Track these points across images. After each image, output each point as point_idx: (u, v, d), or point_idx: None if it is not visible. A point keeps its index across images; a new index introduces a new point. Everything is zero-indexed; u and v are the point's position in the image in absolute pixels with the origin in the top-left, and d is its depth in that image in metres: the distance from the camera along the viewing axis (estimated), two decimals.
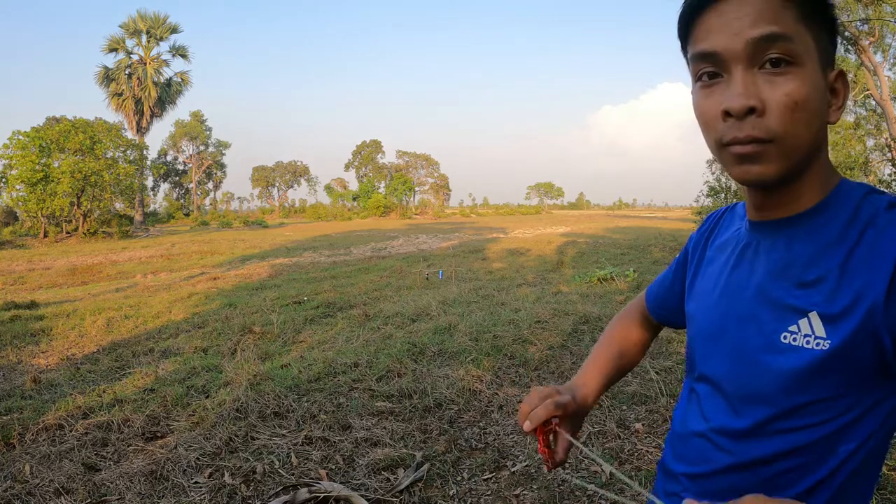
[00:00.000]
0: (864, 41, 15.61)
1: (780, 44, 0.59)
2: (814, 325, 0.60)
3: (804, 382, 0.61)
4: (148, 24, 37.70)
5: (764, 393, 0.64)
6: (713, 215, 0.87)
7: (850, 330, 0.57)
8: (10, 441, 3.00)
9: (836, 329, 0.58)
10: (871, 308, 0.56)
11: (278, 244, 19.47)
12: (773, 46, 0.59)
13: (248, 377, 3.81)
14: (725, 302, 0.72)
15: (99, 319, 6.25)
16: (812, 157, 0.63)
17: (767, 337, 0.65)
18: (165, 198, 59.47)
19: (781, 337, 0.63)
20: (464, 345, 4.64)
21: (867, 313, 0.56)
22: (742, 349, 0.68)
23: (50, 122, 28.50)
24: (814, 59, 0.61)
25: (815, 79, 0.60)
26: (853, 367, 0.58)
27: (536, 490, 2.52)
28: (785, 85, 0.59)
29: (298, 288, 8.60)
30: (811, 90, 0.60)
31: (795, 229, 0.65)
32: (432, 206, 70.59)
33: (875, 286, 0.56)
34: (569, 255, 13.09)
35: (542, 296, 7.20)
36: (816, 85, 0.60)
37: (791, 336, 0.62)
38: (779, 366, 0.63)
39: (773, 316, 0.64)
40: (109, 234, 25.69)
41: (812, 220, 0.64)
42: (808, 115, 0.60)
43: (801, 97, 0.59)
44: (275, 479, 2.60)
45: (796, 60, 0.59)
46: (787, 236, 0.66)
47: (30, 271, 12.90)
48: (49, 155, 23.76)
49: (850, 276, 0.58)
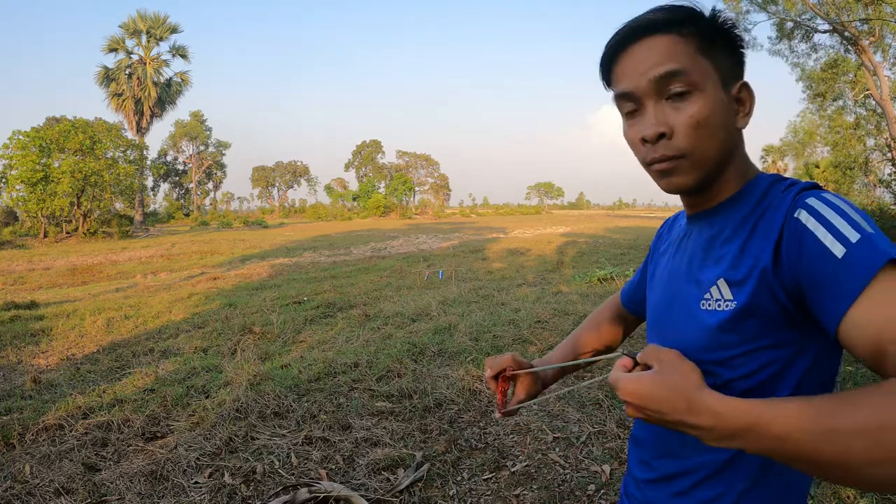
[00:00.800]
0: (864, 41, 15.60)
1: (679, 78, 0.71)
2: (722, 290, 0.71)
3: (720, 338, 0.71)
4: (148, 24, 37.70)
5: (688, 351, 0.71)
6: (670, 218, 1.01)
7: (750, 290, 0.67)
8: (10, 441, 3.00)
9: (740, 291, 0.69)
10: (763, 270, 0.66)
11: (278, 244, 19.47)
12: (673, 81, 0.71)
13: (248, 377, 3.81)
14: (668, 287, 0.84)
15: (99, 319, 6.25)
16: (726, 160, 0.75)
17: (690, 307, 0.76)
18: (165, 198, 59.50)
19: (700, 304, 0.74)
20: (464, 345, 4.64)
21: (760, 275, 0.67)
22: (675, 322, 0.80)
23: (50, 122, 28.51)
24: (714, 81, 0.72)
25: (715, 98, 0.71)
26: (760, 320, 0.68)
27: (536, 490, 2.52)
28: (688, 109, 0.71)
29: (298, 288, 8.60)
30: (712, 108, 0.71)
31: (715, 217, 0.77)
32: (432, 206, 70.58)
33: (765, 252, 0.67)
34: (569, 255, 13.09)
35: (542, 296, 7.20)
36: (718, 102, 0.72)
37: (706, 302, 0.73)
38: (697, 327, 0.74)
39: (696, 289, 0.76)
40: (109, 234, 25.69)
41: (729, 208, 0.76)
42: (712, 129, 0.71)
43: (702, 117, 0.71)
44: (275, 479, 2.60)
45: (696, 87, 0.71)
46: (709, 223, 0.78)
47: (30, 271, 12.90)
48: (49, 155, 23.76)
49: (750, 246, 0.70)
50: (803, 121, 32.17)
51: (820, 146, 31.39)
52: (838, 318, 0.59)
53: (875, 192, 22.89)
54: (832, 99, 20.76)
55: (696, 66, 0.71)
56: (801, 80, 19.57)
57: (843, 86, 20.02)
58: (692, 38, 0.71)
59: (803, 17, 16.40)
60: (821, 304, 0.61)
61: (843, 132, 23.80)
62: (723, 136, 0.72)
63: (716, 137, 0.72)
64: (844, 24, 15.15)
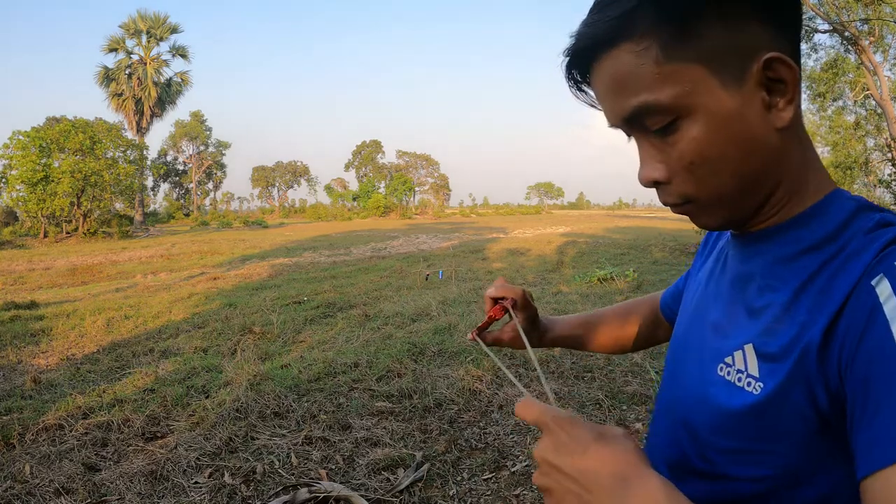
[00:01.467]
0: (864, 41, 15.61)
1: (649, 113, 0.49)
2: (749, 360, 0.51)
3: (733, 423, 0.52)
4: (148, 24, 37.71)
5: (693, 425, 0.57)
6: None
7: (785, 373, 0.47)
8: (10, 441, 3.00)
9: (772, 371, 0.48)
10: (805, 349, 0.46)
11: (278, 244, 19.47)
12: (645, 118, 0.49)
13: (248, 377, 3.80)
14: (693, 319, 0.64)
15: (99, 319, 6.25)
16: (761, 183, 0.51)
17: (706, 365, 0.57)
18: (165, 198, 59.52)
19: (718, 368, 0.55)
20: (464, 345, 4.64)
21: (800, 356, 0.46)
22: (688, 373, 0.61)
23: (50, 122, 28.50)
24: (705, 87, 0.47)
25: (715, 111, 0.47)
26: (786, 418, 0.48)
27: (536, 490, 2.51)
28: (678, 146, 0.49)
29: (298, 288, 8.60)
30: (710, 133, 0.48)
31: (759, 245, 0.55)
32: (432, 206, 70.61)
33: (815, 322, 0.46)
34: (569, 255, 13.09)
35: (542, 296, 7.20)
36: (719, 118, 0.47)
37: (726, 368, 0.54)
38: (707, 395, 0.56)
39: (716, 342, 0.57)
40: (109, 234, 25.69)
41: (782, 236, 0.53)
42: (716, 160, 0.49)
43: (696, 153, 0.49)
44: (275, 479, 2.60)
45: (678, 113, 0.48)
46: (751, 252, 0.56)
47: (30, 271, 12.90)
48: (49, 155, 23.76)
49: (799, 307, 0.48)
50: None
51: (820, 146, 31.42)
52: (873, 467, 0.38)
53: (875, 192, 22.90)
54: (832, 99, 20.76)
55: (668, 83, 0.47)
56: (801, 80, 19.56)
57: (843, 86, 20.03)
58: (651, 43, 0.47)
59: (803, 18, 16.39)
60: (861, 429, 0.40)
61: (844, 132, 23.80)
62: (740, 157, 0.48)
63: (727, 167, 0.49)
64: (844, 24, 15.15)
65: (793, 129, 0.50)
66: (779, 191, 0.52)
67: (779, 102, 0.48)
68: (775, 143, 0.49)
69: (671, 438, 0.62)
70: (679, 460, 0.60)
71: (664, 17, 0.46)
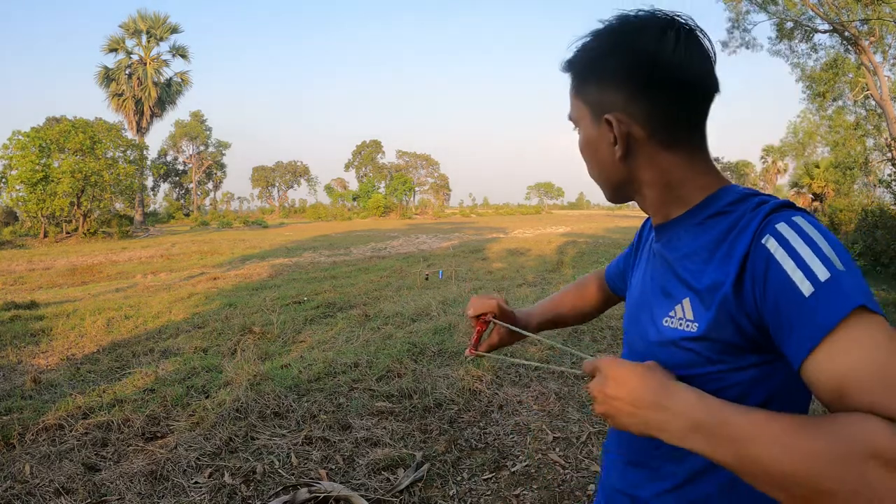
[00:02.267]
0: (864, 41, 15.60)
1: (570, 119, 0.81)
2: (685, 310, 0.71)
3: (682, 356, 0.70)
4: (148, 24, 37.70)
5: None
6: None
7: (712, 316, 0.66)
8: (10, 441, 3.00)
9: (703, 315, 0.68)
10: (724, 297, 0.65)
11: (278, 244, 19.47)
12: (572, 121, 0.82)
13: (248, 377, 3.80)
14: (641, 295, 0.84)
15: (99, 319, 6.25)
16: (622, 188, 0.79)
17: (655, 321, 0.76)
18: (165, 198, 59.50)
19: (663, 321, 0.74)
20: (464, 345, 4.64)
21: (721, 301, 0.65)
22: (642, 332, 0.80)
23: (50, 122, 28.50)
24: (584, 119, 0.77)
25: (586, 134, 0.78)
26: (724, 345, 0.67)
27: (536, 490, 2.52)
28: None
29: (298, 288, 8.60)
30: (583, 144, 0.79)
31: (672, 231, 0.77)
32: (432, 206, 70.60)
33: (727, 277, 0.65)
34: (569, 255, 13.09)
35: (542, 296, 7.19)
36: (587, 139, 0.78)
37: (670, 320, 0.73)
38: (661, 342, 0.74)
39: (662, 304, 0.76)
40: (109, 234, 25.69)
41: (684, 223, 0.75)
42: (587, 161, 0.80)
43: (580, 150, 0.80)
44: (275, 479, 2.60)
45: (576, 126, 0.80)
46: (669, 237, 0.78)
47: (30, 271, 12.90)
48: (49, 155, 23.75)
49: (712, 268, 0.68)
50: (803, 121, 32.23)
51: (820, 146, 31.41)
52: (800, 359, 0.57)
53: (875, 192, 22.89)
54: (832, 99, 20.74)
55: (573, 107, 0.79)
56: (801, 80, 19.57)
57: (843, 86, 20.01)
58: (572, 79, 0.79)
59: (803, 18, 16.41)
60: (785, 340, 0.60)
61: (843, 132, 23.79)
62: (597, 166, 0.78)
63: (592, 168, 0.80)
64: (844, 24, 15.15)
65: (638, 161, 0.74)
66: (649, 195, 0.77)
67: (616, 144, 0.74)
68: (619, 166, 0.75)
69: None
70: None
71: (572, 72, 0.79)
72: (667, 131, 0.72)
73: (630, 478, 0.82)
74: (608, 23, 0.74)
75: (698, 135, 0.74)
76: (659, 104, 0.71)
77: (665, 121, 0.72)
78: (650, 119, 0.72)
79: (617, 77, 0.72)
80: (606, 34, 0.73)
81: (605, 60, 0.73)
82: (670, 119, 0.72)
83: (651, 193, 0.77)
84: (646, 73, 0.70)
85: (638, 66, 0.70)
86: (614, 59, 0.72)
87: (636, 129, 0.72)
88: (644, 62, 0.70)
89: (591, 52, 0.75)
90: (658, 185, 0.75)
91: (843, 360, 0.54)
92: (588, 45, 0.75)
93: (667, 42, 0.69)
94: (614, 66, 0.72)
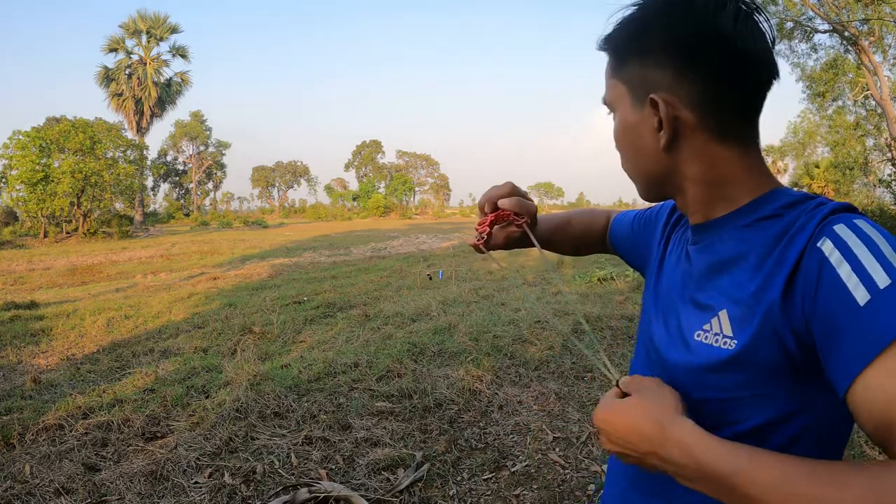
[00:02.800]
0: (863, 41, 15.61)
1: (605, 104, 0.73)
2: (723, 323, 0.62)
3: (713, 378, 0.63)
4: (148, 24, 37.69)
5: (676, 385, 0.64)
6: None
7: (755, 329, 0.58)
8: (10, 441, 3.00)
9: (743, 328, 0.59)
10: (770, 305, 0.57)
11: (278, 244, 19.47)
12: (606, 105, 0.73)
13: (248, 377, 3.80)
14: (667, 297, 0.76)
15: (99, 319, 6.25)
16: (661, 182, 0.69)
17: (684, 334, 0.68)
18: (165, 198, 59.53)
19: (695, 335, 0.65)
20: (464, 345, 4.64)
21: (767, 310, 0.57)
22: (667, 343, 0.71)
23: (50, 122, 28.50)
24: (623, 101, 0.69)
25: (623, 118, 0.69)
26: (760, 367, 0.59)
27: (536, 490, 2.51)
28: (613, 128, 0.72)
29: (298, 288, 8.60)
30: (620, 130, 0.70)
31: (712, 233, 0.68)
32: (432, 206, 70.62)
33: (775, 283, 0.57)
34: None
35: (542, 296, 7.21)
36: (625, 124, 0.69)
37: (704, 334, 0.64)
38: (689, 359, 0.66)
39: (694, 315, 0.67)
40: (109, 234, 25.69)
41: (727, 225, 0.66)
42: (622, 150, 0.72)
43: (615, 138, 0.72)
44: (275, 479, 2.60)
45: (612, 110, 0.72)
46: (709, 239, 0.68)
47: (30, 271, 12.90)
48: (49, 155, 23.75)
49: (759, 274, 0.60)
50: (803, 121, 32.23)
51: (820, 146, 31.43)
52: (849, 379, 0.49)
53: (875, 192, 22.91)
54: (832, 99, 20.77)
55: (609, 89, 0.71)
56: (802, 80, 19.59)
57: (843, 86, 20.03)
58: (608, 61, 0.71)
59: (803, 18, 16.41)
60: (832, 356, 0.51)
61: (843, 132, 23.80)
62: (634, 155, 0.70)
63: (627, 158, 0.71)
64: (844, 24, 15.15)
65: (684, 151, 0.65)
66: (692, 192, 0.68)
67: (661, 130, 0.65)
68: (662, 157, 0.66)
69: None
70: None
71: (610, 49, 0.70)
72: (719, 119, 0.63)
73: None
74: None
75: (752, 128, 0.65)
76: (712, 85, 0.62)
77: (717, 106, 0.62)
78: (701, 102, 0.62)
79: (665, 51, 0.63)
80: (655, 1, 0.64)
81: (652, 31, 0.64)
82: (723, 104, 0.63)
83: (694, 190, 0.67)
84: (700, 47, 0.61)
85: (692, 38, 0.61)
86: (664, 29, 0.63)
87: (685, 112, 0.63)
88: (699, 34, 0.61)
89: (635, 23, 0.66)
90: (704, 181, 0.66)
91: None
92: (632, 15, 0.66)
93: (726, 15, 0.60)
94: (663, 38, 0.63)
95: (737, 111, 0.63)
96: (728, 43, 0.60)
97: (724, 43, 0.60)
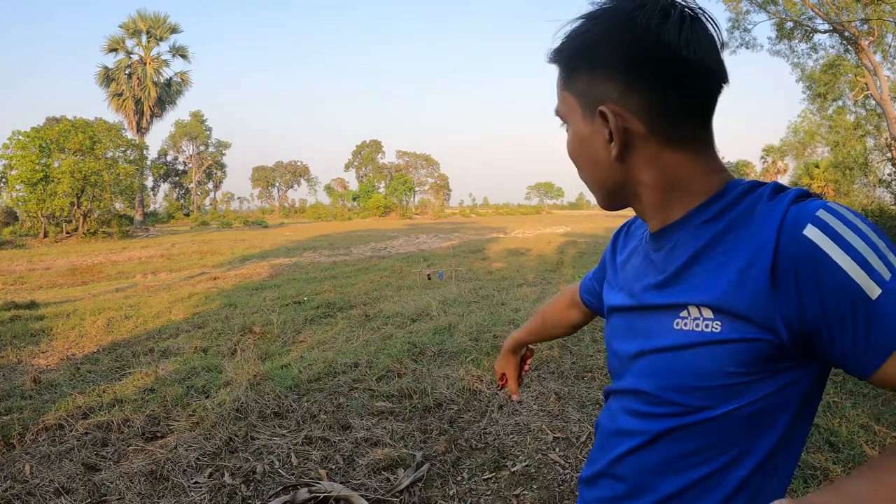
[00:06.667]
0: (863, 41, 15.60)
1: (557, 115, 0.74)
2: (703, 311, 0.62)
3: (701, 365, 0.63)
4: (148, 24, 37.66)
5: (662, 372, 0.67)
6: (626, 223, 0.92)
7: (740, 315, 0.59)
8: (10, 441, 2.99)
9: (726, 315, 0.60)
10: (755, 295, 0.58)
11: (278, 244, 19.47)
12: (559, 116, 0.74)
13: (248, 377, 3.80)
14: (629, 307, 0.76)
15: (99, 319, 6.25)
16: (617, 191, 0.70)
17: (662, 324, 0.67)
18: (165, 198, 59.53)
19: (674, 323, 0.66)
20: (464, 345, 4.64)
21: (751, 301, 0.58)
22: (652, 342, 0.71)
23: (50, 122, 28.53)
24: (575, 113, 0.70)
25: (576, 130, 0.70)
26: (750, 349, 0.60)
27: (536, 490, 2.51)
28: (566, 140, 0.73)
29: (298, 288, 8.60)
30: (573, 142, 0.71)
31: (676, 233, 0.68)
32: (432, 206, 70.59)
33: (757, 274, 0.58)
34: (569, 255, 13.09)
35: (543, 296, 7.20)
36: (578, 135, 0.70)
37: (682, 322, 0.64)
38: (672, 347, 0.66)
39: (664, 314, 0.67)
40: (109, 234, 25.68)
41: (689, 223, 0.66)
42: (577, 162, 0.73)
43: (568, 150, 0.73)
44: (275, 479, 2.60)
45: (565, 122, 0.73)
46: (673, 240, 0.69)
47: (30, 271, 12.90)
48: (49, 155, 23.75)
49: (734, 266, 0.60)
50: (804, 121, 32.20)
51: (820, 146, 31.40)
52: (875, 365, 0.54)
53: (875, 192, 22.89)
54: (832, 99, 20.76)
55: (561, 101, 0.72)
56: (802, 80, 19.58)
57: (843, 86, 20.02)
58: (559, 75, 0.71)
59: (803, 18, 16.41)
60: (846, 348, 0.55)
61: (844, 132, 23.79)
62: (590, 166, 0.70)
63: (583, 169, 0.72)
64: (844, 24, 15.15)
65: (636, 160, 0.66)
66: (648, 198, 0.69)
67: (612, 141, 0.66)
68: (615, 166, 0.67)
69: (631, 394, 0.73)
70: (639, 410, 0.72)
71: (560, 62, 0.71)
72: (669, 126, 0.64)
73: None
74: (601, 3, 0.66)
75: (704, 130, 0.66)
76: (660, 95, 0.63)
77: (666, 114, 0.64)
78: (650, 112, 0.63)
79: (612, 64, 0.64)
80: (600, 15, 0.65)
81: (598, 45, 0.65)
82: (672, 112, 0.64)
83: (650, 196, 0.68)
84: (645, 58, 0.62)
85: (636, 50, 0.62)
86: (609, 43, 0.64)
87: (634, 123, 0.64)
88: (643, 46, 0.62)
89: (582, 37, 0.66)
90: (659, 186, 0.67)
91: None
92: (579, 28, 0.67)
93: (670, 24, 0.60)
94: (609, 51, 0.64)
95: (687, 118, 0.64)
96: (672, 52, 0.61)
97: (669, 53, 0.61)
